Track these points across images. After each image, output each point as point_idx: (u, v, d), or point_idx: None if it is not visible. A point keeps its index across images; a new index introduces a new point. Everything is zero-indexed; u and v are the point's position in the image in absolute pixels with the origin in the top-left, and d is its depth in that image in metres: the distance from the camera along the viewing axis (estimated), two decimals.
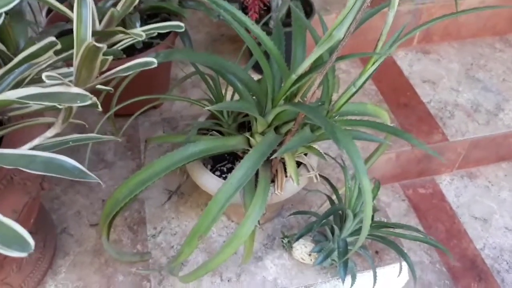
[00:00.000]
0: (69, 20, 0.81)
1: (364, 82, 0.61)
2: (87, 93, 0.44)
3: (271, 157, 0.59)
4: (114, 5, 0.87)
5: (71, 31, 0.79)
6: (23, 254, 0.34)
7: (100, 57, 0.42)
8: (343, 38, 0.53)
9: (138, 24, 0.81)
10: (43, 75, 0.41)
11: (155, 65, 0.47)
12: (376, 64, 0.58)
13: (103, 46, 0.40)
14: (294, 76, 0.59)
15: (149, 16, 0.96)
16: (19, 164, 0.42)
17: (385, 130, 0.64)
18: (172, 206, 0.90)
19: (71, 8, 0.88)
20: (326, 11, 1.31)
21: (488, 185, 1.34)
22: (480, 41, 1.53)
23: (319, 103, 0.64)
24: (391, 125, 0.65)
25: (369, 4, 0.50)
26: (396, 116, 1.29)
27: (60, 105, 0.43)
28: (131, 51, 0.91)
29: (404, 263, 0.80)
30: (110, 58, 0.44)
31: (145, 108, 0.82)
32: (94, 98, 0.44)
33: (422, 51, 1.49)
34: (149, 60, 0.46)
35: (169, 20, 0.98)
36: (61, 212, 0.88)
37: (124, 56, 0.74)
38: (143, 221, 0.88)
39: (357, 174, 0.58)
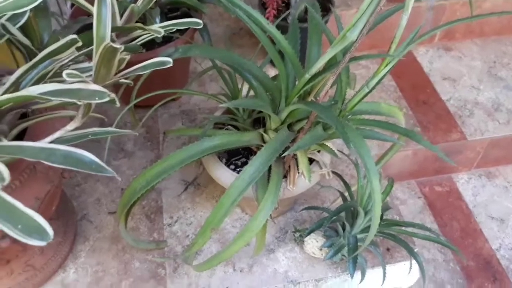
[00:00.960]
0: (90, 14, 0.84)
1: (377, 83, 0.61)
2: (105, 90, 0.46)
3: (284, 154, 0.60)
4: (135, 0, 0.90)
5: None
6: (42, 243, 0.37)
7: (118, 56, 0.44)
8: (356, 40, 0.54)
9: (158, 19, 0.83)
10: (64, 73, 0.43)
11: (171, 65, 0.49)
12: (390, 66, 0.59)
13: (121, 47, 0.42)
14: (307, 76, 0.60)
15: (169, 9, 0.98)
16: (40, 157, 0.45)
17: (396, 131, 0.64)
18: (188, 196, 0.93)
19: (93, 3, 0.90)
20: (347, 6, 1.31)
21: (506, 186, 1.32)
22: (504, 39, 1.50)
23: (332, 102, 0.65)
24: (402, 126, 0.65)
25: (382, 8, 0.51)
26: (415, 113, 1.28)
27: (79, 101, 0.45)
28: (151, 45, 0.93)
29: (414, 261, 0.81)
30: (128, 57, 0.46)
31: (165, 101, 0.85)
32: (113, 95, 0.46)
33: (444, 48, 1.47)
34: (164, 59, 0.48)
35: (189, 14, 0.99)
36: (82, 199, 0.91)
37: (144, 50, 0.76)
38: (160, 210, 0.91)
39: (367, 173, 0.59)
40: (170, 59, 0.49)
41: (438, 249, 1.21)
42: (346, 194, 0.84)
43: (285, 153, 0.60)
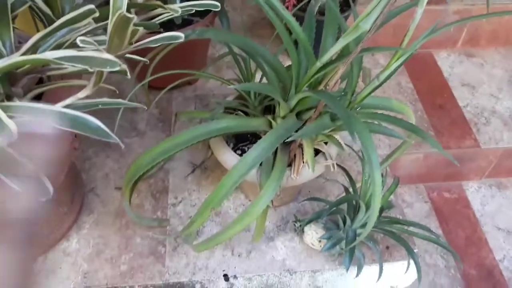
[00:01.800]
0: None
1: (388, 77, 0.61)
2: (117, 60, 0.47)
3: (287, 140, 0.61)
4: None
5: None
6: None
7: (131, 27, 0.45)
8: (369, 29, 0.54)
9: (178, 0, 0.84)
10: (78, 39, 0.44)
11: (182, 40, 0.50)
12: (401, 60, 0.59)
13: (133, 16, 0.43)
14: (319, 64, 0.60)
15: None
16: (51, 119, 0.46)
17: (403, 126, 0.64)
18: (195, 179, 0.94)
19: None
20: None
21: None
22: None
23: (342, 93, 0.66)
24: (410, 122, 0.65)
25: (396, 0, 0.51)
26: (429, 117, 1.28)
27: (91, 68, 0.46)
28: (170, 27, 0.94)
29: (412, 262, 0.81)
30: (141, 29, 0.47)
31: (179, 82, 0.86)
32: (124, 66, 0.48)
33: (466, 54, 1.45)
34: (176, 34, 0.49)
35: None
36: (91, 173, 0.93)
37: (162, 30, 0.77)
38: (166, 190, 0.92)
39: (370, 165, 0.59)
40: (181, 34, 0.49)
41: (441, 255, 1.20)
42: (351, 189, 0.84)
43: (289, 139, 0.60)
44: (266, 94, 0.71)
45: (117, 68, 0.46)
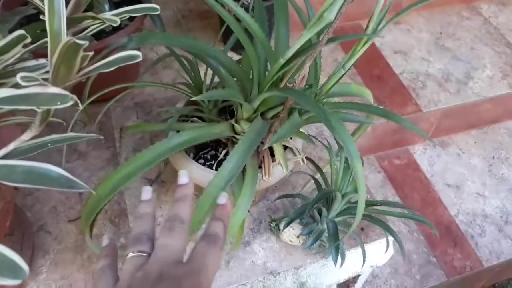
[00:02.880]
0: (27, 3, 0.75)
1: (354, 64, 0.59)
2: (67, 93, 0.40)
3: (265, 147, 0.57)
4: None
5: (34, 16, 0.73)
6: (16, 282, 0.31)
7: (81, 53, 0.38)
8: (334, 20, 0.50)
9: (107, 7, 0.75)
10: (18, 77, 0.37)
11: (140, 59, 0.43)
12: (367, 45, 0.56)
13: (85, 43, 0.36)
14: (282, 60, 0.56)
15: None
16: None
17: (375, 113, 0.63)
18: (153, 195, 0.87)
19: None
20: None
21: (459, 153, 1.37)
22: (448, 10, 1.54)
23: (306, 87, 0.62)
24: (380, 107, 0.64)
25: None
26: (370, 89, 1.28)
27: (38, 108, 0.39)
28: (98, 34, 0.85)
29: (390, 238, 0.81)
30: (91, 54, 0.40)
31: (120, 96, 0.78)
32: (75, 97, 0.41)
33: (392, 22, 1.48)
34: (134, 54, 0.43)
35: (137, 0, 0.92)
36: (36, 208, 0.83)
37: (95, 41, 0.69)
38: (124, 212, 0.85)
39: (350, 159, 0.57)
40: (139, 53, 0.43)
41: (402, 221, 1.24)
42: (317, 176, 0.82)
43: (266, 145, 0.56)
44: (229, 99, 0.66)
45: (69, 103, 0.39)
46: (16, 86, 0.44)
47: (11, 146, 0.44)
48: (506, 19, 1.54)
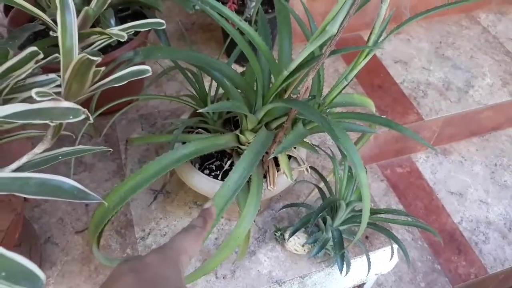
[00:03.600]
0: (35, 19, 0.76)
1: (356, 75, 0.60)
2: (79, 107, 0.41)
3: (270, 157, 0.58)
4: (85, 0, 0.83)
5: (43, 31, 0.75)
6: None
7: (93, 69, 0.40)
8: (337, 33, 0.52)
9: (113, 21, 0.77)
10: (33, 93, 0.38)
11: (150, 73, 0.45)
12: (369, 57, 0.58)
13: (98, 59, 0.37)
14: (286, 72, 0.58)
15: (120, 9, 0.92)
16: (12, 189, 0.39)
17: (379, 122, 0.64)
18: (159, 206, 0.88)
19: (36, 5, 0.83)
20: None
21: (461, 160, 1.38)
22: (447, 19, 1.55)
23: (310, 97, 0.64)
24: (383, 116, 0.65)
25: None
26: (372, 99, 1.29)
27: (52, 122, 0.40)
28: (104, 48, 0.86)
29: (395, 246, 0.82)
30: (103, 68, 0.41)
31: (126, 108, 0.79)
32: (86, 111, 0.42)
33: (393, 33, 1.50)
34: (143, 68, 0.44)
35: (141, 12, 0.94)
36: (43, 220, 0.84)
37: (102, 55, 0.71)
38: (130, 223, 0.86)
39: (355, 168, 0.58)
40: (148, 68, 0.44)
41: (406, 228, 1.24)
42: (321, 185, 0.83)
43: (271, 156, 0.57)
44: (234, 111, 0.67)
45: (82, 117, 0.41)
46: (27, 100, 0.46)
47: (24, 159, 0.46)
48: (505, 28, 1.55)
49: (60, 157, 0.49)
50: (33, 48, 0.45)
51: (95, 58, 0.37)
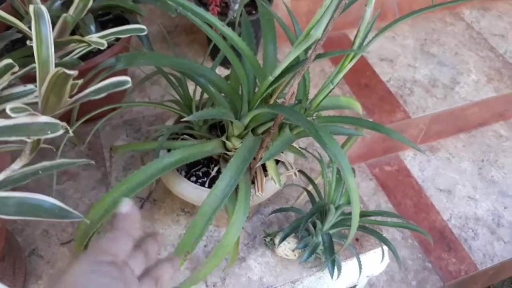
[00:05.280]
0: (11, 27, 0.74)
1: (341, 79, 0.59)
2: (57, 121, 0.39)
3: (258, 164, 0.57)
4: (63, 5, 0.81)
5: (21, 39, 0.73)
6: None
7: (70, 82, 0.38)
8: (321, 37, 0.51)
9: (93, 27, 0.75)
10: (8, 109, 0.36)
11: (130, 85, 0.43)
12: (354, 60, 0.57)
13: (74, 73, 0.36)
14: (271, 78, 0.57)
15: (100, 14, 0.90)
16: None
17: (366, 126, 0.63)
18: (146, 214, 0.87)
19: (14, 12, 0.80)
20: None
21: (449, 157, 1.39)
22: (432, 16, 1.56)
23: (296, 102, 0.63)
24: (370, 120, 0.64)
25: (346, 2, 0.49)
26: (358, 97, 1.30)
27: (29, 138, 0.38)
28: (85, 54, 0.84)
29: (385, 247, 0.82)
30: (81, 81, 0.40)
31: (110, 115, 0.77)
32: (65, 124, 0.40)
33: (377, 29, 1.50)
34: (123, 79, 0.43)
35: (123, 17, 0.92)
36: (27, 233, 0.82)
37: (82, 63, 0.69)
38: None
39: (343, 173, 0.57)
40: (128, 79, 0.43)
41: (396, 227, 1.24)
42: (310, 187, 0.82)
43: (259, 163, 0.56)
44: (220, 118, 0.66)
45: (60, 132, 0.39)
46: (3, 113, 0.44)
47: (0, 176, 0.44)
48: (488, 24, 1.56)
49: (40, 172, 0.47)
50: (8, 61, 0.43)
51: (71, 73, 0.36)
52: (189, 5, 0.56)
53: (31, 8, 0.40)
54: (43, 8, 0.41)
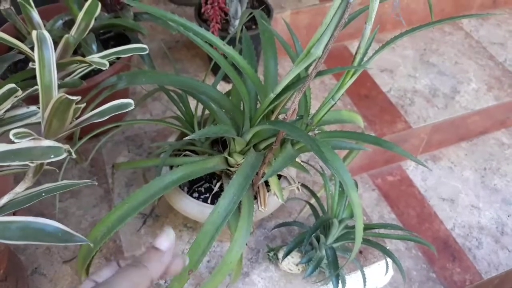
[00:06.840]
0: (12, 49, 0.74)
1: (342, 94, 0.59)
2: (60, 145, 0.40)
3: (261, 181, 0.57)
4: (65, 24, 0.82)
5: (21, 60, 0.73)
6: None
7: (73, 107, 0.38)
8: (321, 55, 0.51)
9: (94, 47, 0.76)
10: (11, 135, 0.37)
11: (132, 107, 0.43)
12: (355, 76, 0.57)
13: (77, 98, 0.36)
14: (272, 95, 0.57)
15: (101, 32, 0.91)
16: None
17: (368, 141, 0.63)
18: (149, 230, 0.87)
19: (17, 32, 0.81)
20: (281, 8, 1.29)
21: (451, 166, 1.38)
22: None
23: (297, 118, 0.63)
24: (372, 134, 0.64)
25: (346, 20, 0.49)
26: (359, 109, 1.30)
27: (32, 162, 0.38)
28: (87, 73, 0.85)
29: (389, 260, 0.81)
30: (83, 105, 0.40)
31: (112, 133, 0.78)
32: (68, 147, 0.41)
33: (376, 40, 1.50)
34: (126, 102, 0.43)
35: (124, 35, 0.93)
36: (29, 251, 0.82)
37: (84, 83, 0.69)
38: (120, 250, 0.84)
39: (346, 188, 0.57)
40: (131, 101, 0.43)
41: None
42: (312, 201, 0.82)
43: (262, 180, 0.56)
44: (222, 135, 0.66)
45: (63, 155, 0.39)
46: (8, 135, 0.44)
47: (4, 199, 0.44)
48: (487, 33, 1.57)
49: (43, 194, 0.47)
50: (11, 85, 0.44)
51: (74, 98, 0.36)
52: (190, 25, 0.56)
53: (34, 34, 0.41)
54: (46, 34, 0.41)
